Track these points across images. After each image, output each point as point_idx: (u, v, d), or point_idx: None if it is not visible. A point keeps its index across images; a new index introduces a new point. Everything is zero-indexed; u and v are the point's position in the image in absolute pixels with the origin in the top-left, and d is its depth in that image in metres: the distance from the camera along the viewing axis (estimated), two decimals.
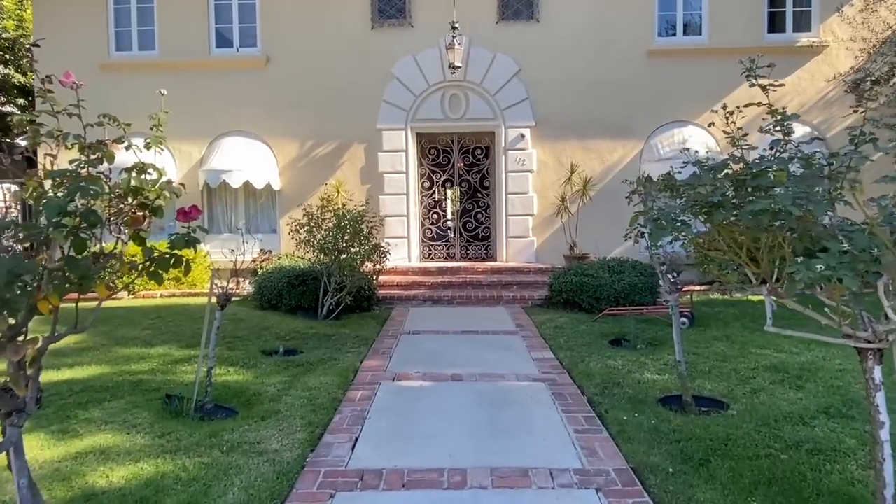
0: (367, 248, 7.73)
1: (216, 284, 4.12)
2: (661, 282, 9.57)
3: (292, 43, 10.90)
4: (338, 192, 10.36)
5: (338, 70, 10.87)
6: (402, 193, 10.91)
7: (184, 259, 2.24)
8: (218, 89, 10.97)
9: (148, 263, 2.26)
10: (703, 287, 9.55)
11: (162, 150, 2.52)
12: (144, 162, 2.27)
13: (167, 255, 2.24)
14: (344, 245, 7.57)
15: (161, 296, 9.93)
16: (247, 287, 9.74)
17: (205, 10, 10.95)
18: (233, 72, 10.97)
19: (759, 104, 2.87)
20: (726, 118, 3.18)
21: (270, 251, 10.54)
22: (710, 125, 8.85)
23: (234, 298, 9.78)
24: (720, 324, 7.09)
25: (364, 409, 4.34)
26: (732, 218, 2.66)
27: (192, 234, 2.25)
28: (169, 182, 2.32)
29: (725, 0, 10.53)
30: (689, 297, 8.95)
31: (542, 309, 8.54)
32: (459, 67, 10.25)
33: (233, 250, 10.34)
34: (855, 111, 6.63)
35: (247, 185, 10.66)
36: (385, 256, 8.07)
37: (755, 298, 8.87)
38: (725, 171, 2.79)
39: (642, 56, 10.66)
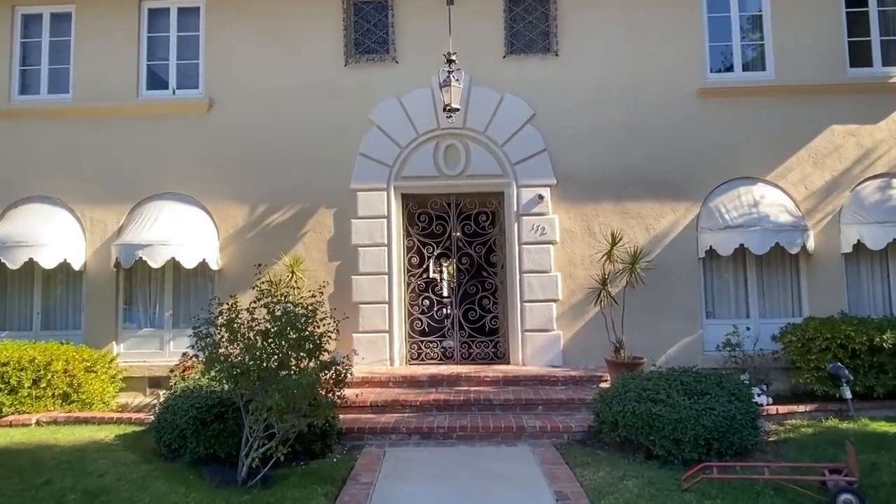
0: (315, 366, 4.90)
1: None
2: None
3: (243, 83, 8.53)
4: (292, 273, 7.67)
5: (301, 116, 8.46)
6: (382, 273, 8.22)
7: None
8: (146, 140, 8.49)
9: None
10: (809, 407, 6.67)
11: None
12: None
13: None
14: (276, 365, 4.76)
15: (38, 422, 7.00)
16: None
17: (135, 45, 8.64)
18: (167, 118, 8.53)
19: None
20: None
21: (198, 355, 7.73)
22: None
23: (135, 429, 6.97)
24: None
25: None
26: None
27: None
28: None
29: (794, 28, 8.30)
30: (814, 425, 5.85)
31: (587, 452, 5.62)
32: (458, 110, 7.79)
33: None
34: None
35: (175, 263, 7.98)
36: (343, 378, 5.22)
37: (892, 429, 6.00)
38: None
39: (691, 96, 8.30)
